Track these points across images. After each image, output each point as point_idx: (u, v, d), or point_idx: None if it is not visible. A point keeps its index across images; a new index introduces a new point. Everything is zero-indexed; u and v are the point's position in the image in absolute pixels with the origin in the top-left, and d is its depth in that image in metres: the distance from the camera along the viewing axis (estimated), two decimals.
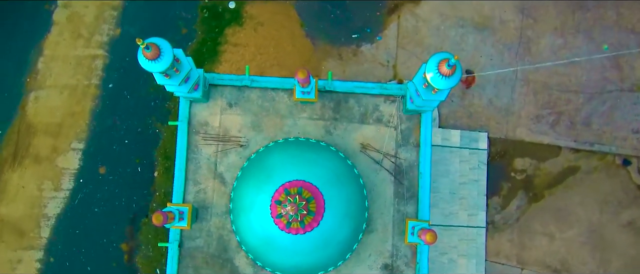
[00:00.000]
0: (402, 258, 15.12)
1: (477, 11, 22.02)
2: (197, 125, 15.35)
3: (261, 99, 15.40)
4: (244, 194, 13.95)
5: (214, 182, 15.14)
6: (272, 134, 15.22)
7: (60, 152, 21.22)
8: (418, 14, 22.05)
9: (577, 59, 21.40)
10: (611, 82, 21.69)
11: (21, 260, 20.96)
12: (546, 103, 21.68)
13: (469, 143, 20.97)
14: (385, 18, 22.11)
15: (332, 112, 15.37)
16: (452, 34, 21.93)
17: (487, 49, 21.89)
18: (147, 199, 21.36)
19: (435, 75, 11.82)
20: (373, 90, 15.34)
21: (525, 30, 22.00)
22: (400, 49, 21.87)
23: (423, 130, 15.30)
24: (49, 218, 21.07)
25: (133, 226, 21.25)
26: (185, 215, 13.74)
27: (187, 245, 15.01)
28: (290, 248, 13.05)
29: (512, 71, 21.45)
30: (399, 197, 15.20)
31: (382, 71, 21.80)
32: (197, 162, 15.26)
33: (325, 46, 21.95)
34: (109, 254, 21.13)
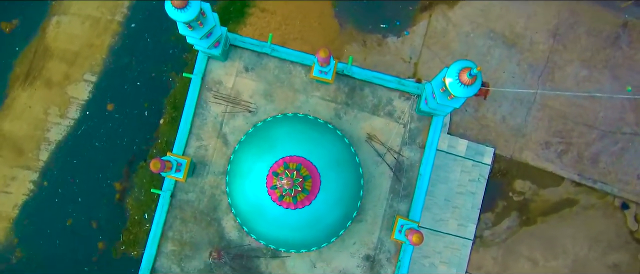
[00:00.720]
0: (386, 252, 15.22)
1: (510, 27, 21.76)
2: (210, 82, 15.35)
3: (278, 69, 15.36)
4: (243, 159, 14.01)
5: (217, 142, 15.20)
6: (282, 106, 15.21)
7: (72, 81, 21.31)
8: (450, 17, 21.81)
9: (598, 95, 21.18)
10: (627, 124, 21.49)
11: (15, 178, 21.22)
12: (558, 132, 21.53)
13: (474, 155, 20.90)
14: (416, 14, 21.88)
15: (345, 97, 15.32)
16: (480, 44, 21.71)
17: (511, 66, 21.68)
18: (148, 144, 21.49)
19: (455, 81, 11.74)
20: (390, 84, 15.25)
21: (552, 55, 21.75)
22: (425, 48, 21.69)
23: (431, 133, 15.25)
24: (49, 143, 21.25)
25: (130, 168, 21.42)
26: (182, 167, 13.82)
27: (179, 197, 15.13)
28: (278, 220, 13.15)
29: (531, 92, 21.27)
30: (394, 194, 15.22)
31: (403, 66, 21.66)
32: (204, 118, 15.30)
33: (352, 30, 21.79)
34: (102, 190, 21.34)
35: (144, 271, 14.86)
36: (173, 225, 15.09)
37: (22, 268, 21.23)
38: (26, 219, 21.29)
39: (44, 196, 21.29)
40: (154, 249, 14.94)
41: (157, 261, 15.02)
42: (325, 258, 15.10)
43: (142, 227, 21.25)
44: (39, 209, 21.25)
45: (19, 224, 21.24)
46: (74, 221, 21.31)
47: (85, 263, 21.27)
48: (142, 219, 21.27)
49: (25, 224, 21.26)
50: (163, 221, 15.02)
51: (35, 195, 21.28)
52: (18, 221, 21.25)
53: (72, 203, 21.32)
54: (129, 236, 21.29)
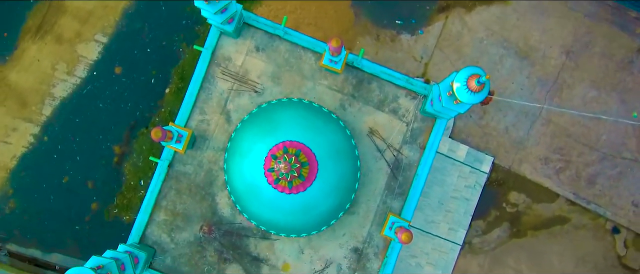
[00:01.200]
0: (374, 247, 15.33)
1: (525, 39, 21.69)
2: (220, 57, 15.36)
3: (289, 53, 15.36)
4: (244, 138, 14.07)
5: (220, 118, 15.25)
6: (288, 90, 15.24)
7: (83, 40, 21.32)
8: (466, 21, 21.74)
9: (603, 117, 21.17)
10: (629, 150, 21.51)
11: (16, 129, 21.31)
12: (559, 149, 21.56)
13: (473, 162, 20.96)
14: (433, 14, 21.81)
15: (352, 89, 15.34)
16: (492, 52, 21.66)
17: (521, 78, 21.65)
18: (151, 112, 21.55)
19: (462, 87, 11.76)
20: (398, 81, 15.26)
21: (563, 72, 21.71)
22: (437, 49, 21.65)
23: (433, 135, 15.28)
24: (54, 99, 21.32)
25: (131, 133, 21.51)
26: (183, 139, 13.89)
27: (176, 168, 15.22)
28: (271, 203, 13.25)
29: (538, 107, 21.26)
30: (389, 190, 15.30)
31: (413, 65, 21.64)
32: (209, 92, 15.33)
33: (367, 23, 21.74)
34: (101, 151, 21.45)
35: (134, 237, 15.01)
36: (167, 195, 15.20)
37: (14, 219, 21.43)
38: (23, 172, 21.43)
39: (43, 151, 21.42)
40: (146, 216, 15.07)
41: (148, 228, 15.16)
42: (314, 246, 15.22)
43: (136, 193, 21.40)
44: (37, 163, 21.39)
45: (16, 176, 21.40)
46: (70, 179, 21.47)
47: (77, 221, 21.45)
48: (137, 185, 21.41)
49: (21, 176, 21.41)
50: (158, 190, 15.13)
51: (34, 149, 21.41)
52: (15, 173, 21.40)
53: (70, 161, 21.45)
54: (123, 200, 21.44)
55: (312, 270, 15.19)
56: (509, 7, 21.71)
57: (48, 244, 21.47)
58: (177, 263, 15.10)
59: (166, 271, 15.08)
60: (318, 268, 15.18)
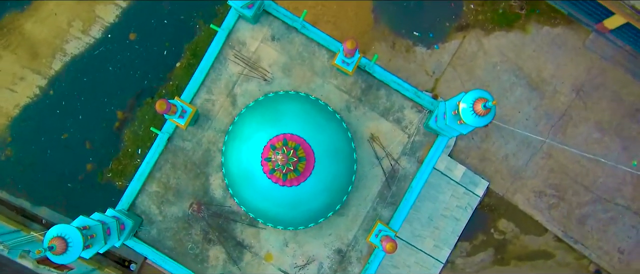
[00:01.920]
0: (357, 251, 15.41)
1: (538, 70, 21.73)
2: (234, 40, 15.41)
3: (303, 47, 15.41)
4: (246, 123, 14.14)
5: (225, 100, 15.32)
6: (297, 84, 15.30)
7: (103, 1, 21.37)
8: (483, 43, 21.78)
9: (603, 160, 21.22)
10: (623, 197, 21.57)
11: (24, 79, 21.40)
12: (555, 184, 21.62)
13: (468, 184, 21.03)
14: (451, 32, 21.85)
15: (360, 93, 15.39)
16: (504, 78, 21.71)
17: (528, 109, 21.70)
18: (159, 83, 21.62)
19: (468, 108, 11.82)
20: (407, 92, 15.31)
21: (571, 110, 21.75)
22: (450, 67, 21.70)
23: (433, 151, 15.34)
24: (65, 54, 21.40)
25: (136, 101, 21.58)
26: (186, 115, 13.95)
27: (175, 142, 15.30)
28: (263, 192, 13.32)
29: (540, 140, 21.31)
30: (381, 198, 15.37)
31: (424, 79, 21.68)
32: (219, 73, 15.39)
33: (385, 29, 21.78)
34: (104, 114, 21.54)
35: (123, 203, 15.09)
36: (163, 168, 15.28)
37: (8, 167, 21.53)
38: (24, 122, 21.53)
39: (46, 104, 21.51)
40: (138, 185, 15.14)
41: (139, 197, 15.24)
42: (299, 241, 15.31)
43: (132, 160, 21.48)
44: (39, 115, 21.48)
45: (16, 124, 21.49)
46: (69, 136, 21.55)
47: (71, 179, 21.55)
48: (134, 153, 21.50)
49: (22, 126, 21.50)
50: (154, 161, 15.19)
51: (38, 100, 21.50)
52: (16, 121, 21.50)
53: (72, 118, 21.54)
54: (118, 165, 21.53)
55: (294, 264, 15.28)
56: (528, 37, 21.75)
57: (38, 197, 21.58)
58: (162, 236, 15.19)
59: (150, 242, 15.18)
60: (300, 263, 15.27)
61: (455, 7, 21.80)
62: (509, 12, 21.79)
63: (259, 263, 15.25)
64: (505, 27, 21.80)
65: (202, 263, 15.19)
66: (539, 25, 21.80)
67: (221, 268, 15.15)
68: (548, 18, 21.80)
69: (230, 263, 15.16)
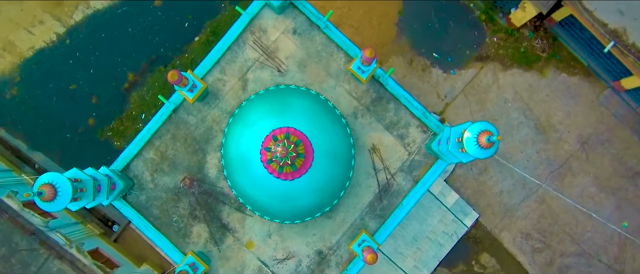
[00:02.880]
0: (338, 256, 15.48)
1: (548, 115, 21.80)
2: (256, 26, 15.47)
3: (322, 46, 15.47)
4: (253, 110, 14.22)
5: (237, 83, 15.39)
6: (310, 81, 15.36)
7: None
8: (499, 77, 21.85)
9: (595, 215, 21.30)
10: (607, 255, 21.63)
11: (43, 23, 21.51)
12: (543, 230, 21.69)
13: (458, 212, 21.10)
14: (470, 60, 21.93)
15: (370, 102, 15.46)
16: (513, 116, 21.78)
17: (531, 151, 21.77)
18: (175, 53, 21.72)
19: (472, 138, 11.89)
20: (416, 110, 15.38)
21: (572, 160, 21.82)
22: (462, 94, 21.77)
23: (430, 173, 15.40)
24: (88, 7, 21.51)
25: (149, 66, 21.68)
26: (196, 90, 14.02)
27: (180, 114, 15.36)
28: (256, 180, 13.38)
29: (537, 183, 21.39)
30: (370, 209, 15.44)
31: (434, 101, 21.76)
32: (235, 56, 15.46)
33: (406, 44, 21.86)
34: (115, 73, 21.64)
35: (118, 164, 15.14)
36: (163, 137, 15.34)
37: (12, 106, 21.64)
38: (35, 65, 21.64)
39: (61, 52, 21.62)
40: (136, 148, 15.20)
41: (134, 161, 15.29)
42: (283, 234, 15.36)
43: (134, 124, 21.58)
44: (51, 61, 21.59)
45: (27, 66, 21.60)
46: (77, 88, 21.65)
47: (70, 130, 21.65)
48: (138, 117, 21.59)
49: (32, 69, 21.61)
50: (156, 129, 15.24)
51: (54, 47, 21.60)
52: (27, 63, 21.60)
53: (83, 71, 21.64)
54: (119, 125, 21.62)
55: (273, 257, 15.34)
56: (544, 80, 21.83)
57: (35, 142, 21.69)
58: (149, 203, 15.26)
59: (137, 207, 15.24)
60: (279, 256, 15.33)
61: (478, 36, 21.89)
62: (530, 52, 21.86)
63: (239, 248, 15.32)
64: (523, 66, 21.88)
65: (184, 237, 15.26)
66: (557, 71, 21.88)
67: (202, 245, 15.23)
68: (567, 66, 21.89)
69: (212, 243, 15.23)
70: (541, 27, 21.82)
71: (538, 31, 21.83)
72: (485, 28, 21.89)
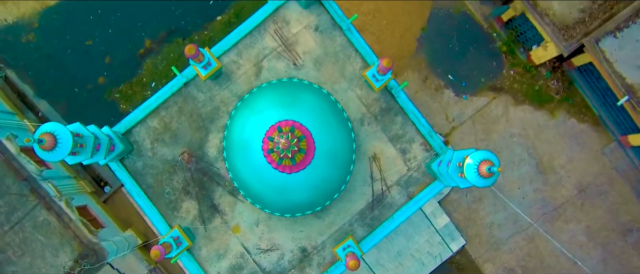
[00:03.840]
0: (320, 257, 15.51)
1: (551, 156, 21.82)
2: (280, 16, 15.49)
3: (341, 48, 15.51)
4: (263, 98, 14.26)
5: (251, 68, 15.43)
6: (323, 80, 15.39)
7: None
8: (509, 111, 21.88)
9: (580, 264, 21.30)
10: None
11: None
12: (527, 268, 21.71)
13: (446, 235, 21.12)
14: (484, 89, 21.96)
15: (378, 111, 15.50)
16: (517, 151, 21.81)
17: (528, 189, 21.79)
18: (195, 28, 21.78)
19: (473, 165, 11.93)
20: (422, 128, 15.41)
21: (567, 205, 21.84)
22: (470, 120, 21.80)
23: (425, 192, 15.43)
24: None
25: (167, 36, 21.73)
26: (210, 68, 14.06)
27: (190, 89, 15.40)
28: (254, 168, 13.42)
29: (528, 222, 21.40)
30: (360, 216, 15.47)
31: (442, 122, 21.79)
32: (254, 41, 15.49)
33: (422, 61, 21.90)
34: (134, 38, 21.70)
35: (121, 126, 15.18)
36: (169, 108, 15.38)
37: (26, 51, 21.72)
38: (56, 15, 21.72)
39: (82, 7, 21.68)
40: (141, 115, 15.24)
41: (137, 126, 15.33)
42: (270, 225, 15.40)
43: (143, 90, 21.65)
44: (72, 14, 21.66)
45: (48, 15, 21.69)
46: (93, 45, 21.72)
47: (79, 84, 21.73)
48: (148, 84, 21.66)
49: (53, 18, 21.69)
50: (164, 99, 15.28)
51: (77, 1, 21.65)
52: (49, 11, 21.70)
53: (102, 29, 21.71)
54: (128, 89, 21.69)
55: (257, 245, 15.38)
56: (553, 121, 21.85)
57: (43, 90, 21.77)
58: (145, 171, 15.31)
59: (132, 172, 15.28)
60: (263, 246, 15.37)
61: (496, 67, 21.92)
62: (544, 92, 21.89)
63: (225, 231, 15.37)
64: (535, 104, 21.90)
65: (173, 210, 15.31)
66: (567, 115, 21.90)
67: (189, 222, 15.28)
68: (578, 112, 21.91)
69: (199, 221, 15.28)
70: (559, 69, 21.84)
71: (555, 72, 21.85)
72: (505, 60, 21.92)
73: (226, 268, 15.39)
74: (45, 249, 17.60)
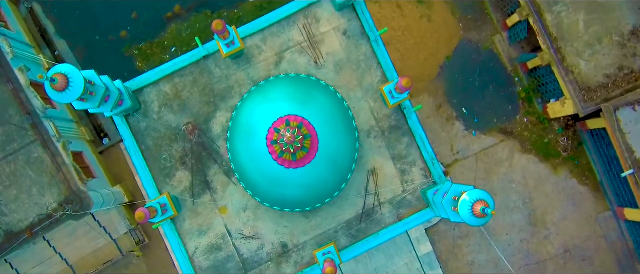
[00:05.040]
0: (299, 256, 15.51)
1: (545, 211, 21.80)
2: (311, 12, 15.49)
3: (365, 57, 15.53)
4: (278, 88, 14.29)
5: (273, 56, 15.44)
6: (340, 84, 15.40)
7: None
8: (514, 157, 21.86)
9: None
10: None
11: None
12: None
13: (426, 264, 21.10)
14: (494, 129, 21.94)
15: (387, 128, 15.51)
16: (512, 198, 21.79)
17: (515, 237, 21.76)
18: (226, 5, 21.79)
19: (468, 203, 11.93)
20: (426, 154, 15.43)
21: (550, 261, 21.83)
22: (474, 157, 21.79)
23: (415, 217, 15.43)
24: None
25: (196, 6, 21.74)
26: (232, 47, 14.09)
27: (209, 63, 15.42)
28: (254, 155, 13.43)
29: (509, 269, 21.35)
30: (347, 226, 15.48)
31: (446, 152, 21.78)
32: (281, 32, 15.50)
33: (440, 89, 21.90)
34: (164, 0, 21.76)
35: (133, 84, 15.21)
36: (184, 77, 15.42)
37: None
38: None
39: None
40: (156, 77, 15.27)
41: (149, 87, 15.37)
42: (257, 214, 15.41)
43: (163, 54, 21.68)
44: None
45: None
46: None
47: (102, 33, 21.76)
48: (168, 49, 21.69)
49: None
50: (181, 67, 15.31)
51: None
52: None
53: None
54: (148, 49, 21.71)
55: (240, 230, 15.39)
56: (554, 178, 21.84)
57: (64, 30, 21.81)
58: (147, 132, 15.35)
59: (134, 130, 15.32)
60: (246, 233, 15.39)
61: (511, 111, 21.91)
62: (552, 147, 21.87)
63: (211, 209, 15.39)
64: (541, 156, 21.88)
65: (165, 177, 15.34)
66: (570, 174, 21.89)
67: (179, 192, 15.30)
68: (581, 174, 21.89)
69: (189, 194, 15.31)
70: (572, 127, 21.82)
71: (568, 130, 21.83)
72: (521, 106, 21.91)
73: (205, 245, 15.42)
74: (33, 186, 17.64)
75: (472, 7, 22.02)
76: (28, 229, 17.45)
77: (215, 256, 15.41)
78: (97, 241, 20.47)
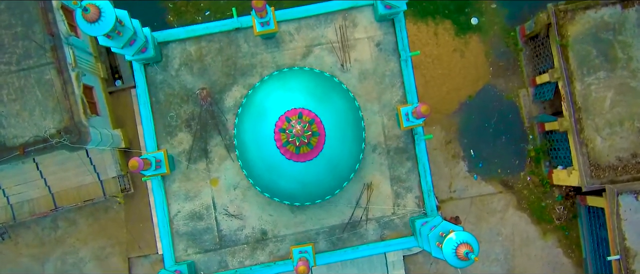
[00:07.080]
0: (277, 247, 15.47)
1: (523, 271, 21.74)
2: (351, 15, 15.44)
3: (391, 73, 15.50)
4: (299, 80, 14.28)
5: (301, 48, 15.41)
6: (360, 92, 15.36)
7: None
8: (508, 211, 21.81)
9: None
10: None
11: None
12: None
13: None
14: (494, 179, 21.90)
15: (394, 147, 15.48)
16: (495, 250, 21.74)
17: None
18: None
19: (453, 242, 11.91)
20: (424, 184, 15.40)
21: None
22: (469, 199, 21.75)
23: (397, 243, 15.38)
24: None
25: None
26: (265, 28, 14.05)
27: (238, 36, 15.40)
28: (260, 138, 13.42)
29: None
30: (330, 231, 15.44)
31: (444, 188, 21.75)
32: (317, 25, 15.47)
33: (454, 125, 21.88)
34: None
35: (160, 36, 15.13)
36: (211, 44, 15.42)
37: None
38: None
39: None
40: (184, 36, 15.26)
41: (175, 44, 15.33)
42: (246, 195, 15.37)
43: (195, 14, 21.69)
44: None
45: None
46: None
47: None
48: (203, 11, 21.68)
49: None
50: (211, 32, 15.31)
51: None
52: None
53: None
54: (182, 6, 21.72)
55: (225, 206, 15.37)
56: (541, 242, 21.81)
57: None
58: (161, 87, 15.34)
59: (149, 81, 15.30)
60: (230, 211, 15.35)
61: (517, 166, 21.87)
62: (547, 212, 21.81)
63: (203, 179, 15.37)
64: (534, 218, 21.83)
65: (167, 135, 15.33)
66: (557, 243, 21.84)
67: (177, 153, 15.30)
68: (568, 246, 21.84)
69: (185, 157, 15.30)
70: (572, 199, 21.75)
71: (566, 200, 21.76)
72: (527, 164, 21.87)
73: (188, 211, 15.40)
74: (37, 106, 17.66)
75: (506, 55, 22.00)
76: (21, 147, 17.47)
77: (195, 224, 15.40)
78: (84, 177, 20.48)
